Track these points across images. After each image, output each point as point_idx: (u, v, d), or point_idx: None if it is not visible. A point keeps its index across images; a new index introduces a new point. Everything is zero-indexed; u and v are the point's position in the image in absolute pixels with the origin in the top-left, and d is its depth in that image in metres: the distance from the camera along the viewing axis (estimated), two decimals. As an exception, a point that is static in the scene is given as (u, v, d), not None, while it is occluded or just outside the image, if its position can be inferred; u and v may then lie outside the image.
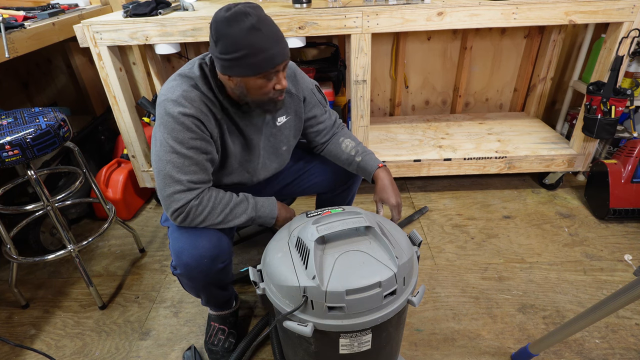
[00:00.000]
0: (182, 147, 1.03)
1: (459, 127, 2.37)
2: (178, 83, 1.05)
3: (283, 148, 1.27)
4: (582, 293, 1.55)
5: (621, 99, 1.75)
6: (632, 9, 1.62)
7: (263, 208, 1.18)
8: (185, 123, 1.02)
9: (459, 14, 1.64)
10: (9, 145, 1.22)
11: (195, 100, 1.03)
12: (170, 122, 1.02)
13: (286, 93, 1.21)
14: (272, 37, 0.96)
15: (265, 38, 0.94)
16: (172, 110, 1.02)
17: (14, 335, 1.51)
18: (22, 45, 1.60)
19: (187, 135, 1.03)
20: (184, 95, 1.03)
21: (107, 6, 2.29)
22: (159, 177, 1.06)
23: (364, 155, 1.30)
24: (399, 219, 1.23)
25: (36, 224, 1.77)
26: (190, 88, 1.05)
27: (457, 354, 1.35)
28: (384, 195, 1.23)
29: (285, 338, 1.07)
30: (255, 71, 0.97)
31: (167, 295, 1.64)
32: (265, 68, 0.97)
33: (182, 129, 1.02)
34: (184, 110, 1.01)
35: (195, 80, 1.06)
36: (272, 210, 1.19)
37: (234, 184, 1.24)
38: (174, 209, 1.05)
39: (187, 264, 1.09)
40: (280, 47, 0.98)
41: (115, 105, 1.82)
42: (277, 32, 0.98)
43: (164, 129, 1.03)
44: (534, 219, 1.97)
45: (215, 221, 1.09)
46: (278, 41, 0.97)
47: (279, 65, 0.99)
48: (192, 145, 1.04)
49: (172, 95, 1.03)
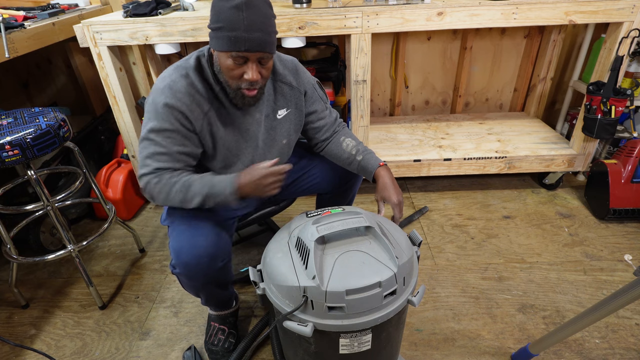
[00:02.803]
0: (157, 136, 1.06)
1: (459, 127, 2.37)
2: (169, 73, 1.08)
3: (283, 141, 1.27)
4: (582, 293, 1.55)
5: (621, 99, 1.75)
6: (632, 9, 1.62)
7: (219, 184, 1.06)
8: (165, 113, 1.04)
9: (459, 14, 1.64)
10: (9, 145, 1.22)
11: (180, 91, 1.05)
12: (152, 110, 1.06)
13: (287, 86, 1.22)
14: (250, 22, 0.96)
15: (243, 20, 0.95)
16: (157, 99, 1.05)
17: (14, 335, 1.51)
18: (22, 45, 1.60)
19: (164, 126, 1.05)
20: (171, 85, 1.05)
21: (107, 6, 2.29)
22: (138, 158, 1.10)
23: (365, 154, 1.30)
24: (400, 217, 1.23)
25: (36, 224, 1.77)
26: (180, 78, 1.06)
27: (457, 354, 1.35)
28: (385, 194, 1.23)
29: (285, 338, 1.07)
30: (224, 47, 0.99)
31: (167, 295, 1.64)
32: (232, 47, 0.98)
33: (161, 118, 1.05)
34: (167, 100, 1.04)
35: (187, 70, 1.08)
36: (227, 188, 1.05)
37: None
38: (142, 188, 1.09)
39: (186, 263, 1.09)
40: (255, 36, 0.97)
41: (115, 105, 1.82)
42: (259, 22, 0.97)
43: (147, 116, 1.08)
44: (534, 219, 1.97)
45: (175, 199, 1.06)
46: (255, 29, 0.97)
47: (249, 53, 0.99)
48: (167, 136, 1.06)
49: (160, 85, 1.06)
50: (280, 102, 1.23)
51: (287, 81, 1.22)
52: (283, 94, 1.22)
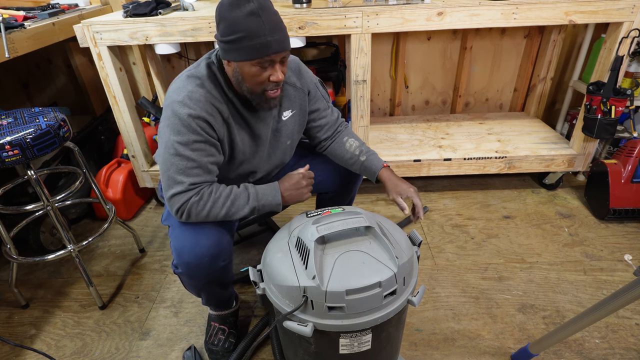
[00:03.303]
0: (186, 150, 1.03)
1: (459, 127, 2.37)
2: (184, 84, 1.06)
3: (287, 142, 1.28)
4: (582, 293, 1.55)
5: (621, 99, 1.75)
6: (632, 9, 1.62)
7: (265, 196, 1.14)
8: (191, 125, 1.02)
9: (459, 14, 1.64)
10: (9, 145, 1.22)
11: (200, 100, 1.04)
12: (176, 124, 1.03)
13: (291, 87, 1.22)
14: (271, 25, 0.96)
15: (263, 24, 0.95)
16: (179, 111, 1.02)
17: (14, 335, 1.51)
18: (22, 45, 1.60)
19: (192, 138, 1.03)
20: (190, 96, 1.03)
21: (107, 6, 2.29)
22: (164, 178, 1.07)
23: (368, 154, 1.31)
24: (421, 204, 1.22)
25: (36, 224, 1.77)
26: (196, 88, 1.05)
27: (457, 354, 1.35)
28: (399, 189, 1.23)
29: (285, 338, 1.07)
30: (250, 55, 0.98)
31: (167, 295, 1.64)
32: (260, 54, 0.97)
33: (187, 131, 1.02)
34: (190, 111, 1.02)
35: (201, 80, 1.06)
36: (275, 197, 1.15)
37: (240, 178, 1.24)
38: (176, 208, 1.06)
39: (188, 263, 1.10)
40: (278, 37, 0.98)
41: (115, 105, 1.82)
42: (277, 23, 0.98)
43: (169, 130, 1.04)
44: (534, 219, 1.97)
45: (220, 214, 1.09)
46: (277, 30, 0.97)
47: (275, 55, 0.99)
48: (196, 148, 1.04)
49: (178, 97, 1.03)
50: (286, 103, 1.23)
51: (291, 82, 1.22)
52: (288, 95, 1.22)
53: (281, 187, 1.17)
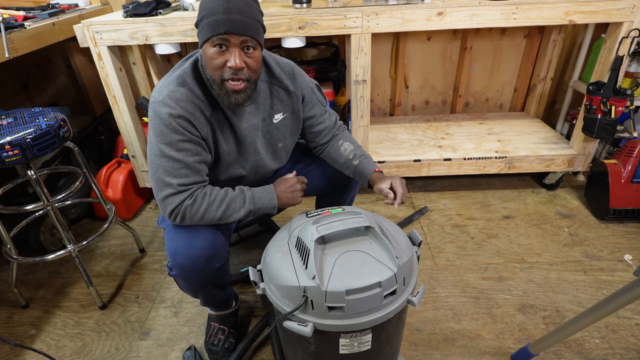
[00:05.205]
0: (171, 150, 1.03)
1: (459, 127, 2.37)
2: (166, 83, 1.05)
3: (279, 145, 1.27)
4: (582, 293, 1.55)
5: (621, 99, 1.75)
6: (632, 9, 1.62)
7: (261, 199, 1.15)
8: (172, 125, 1.01)
9: (459, 14, 1.64)
10: (9, 145, 1.22)
11: (181, 99, 1.02)
12: (158, 125, 1.02)
13: (284, 90, 1.20)
14: (232, 6, 0.95)
15: (224, 4, 0.94)
16: (160, 111, 1.02)
17: (14, 335, 1.51)
18: (22, 45, 1.60)
19: (175, 138, 1.02)
20: (170, 95, 1.02)
21: (107, 6, 2.29)
22: (153, 180, 1.06)
23: (361, 159, 1.29)
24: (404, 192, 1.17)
25: (36, 224, 1.77)
26: (177, 87, 1.04)
27: (457, 354, 1.35)
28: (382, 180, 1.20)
29: (285, 338, 1.07)
30: (205, 34, 0.98)
31: (167, 295, 1.64)
32: (212, 31, 0.96)
33: (170, 131, 1.02)
34: (171, 111, 1.01)
35: (184, 77, 1.05)
36: (271, 200, 1.16)
37: (230, 181, 1.23)
38: (169, 211, 1.06)
39: (182, 265, 1.09)
40: (235, 18, 0.95)
41: (115, 105, 1.82)
42: (240, 6, 0.96)
43: (153, 132, 1.04)
44: (534, 219, 1.97)
45: (215, 217, 1.09)
46: (236, 12, 0.95)
47: (229, 36, 0.96)
48: (181, 148, 1.03)
49: (160, 96, 1.03)
50: (277, 106, 1.21)
51: (283, 85, 1.20)
52: (279, 98, 1.21)
53: (277, 190, 1.18)
